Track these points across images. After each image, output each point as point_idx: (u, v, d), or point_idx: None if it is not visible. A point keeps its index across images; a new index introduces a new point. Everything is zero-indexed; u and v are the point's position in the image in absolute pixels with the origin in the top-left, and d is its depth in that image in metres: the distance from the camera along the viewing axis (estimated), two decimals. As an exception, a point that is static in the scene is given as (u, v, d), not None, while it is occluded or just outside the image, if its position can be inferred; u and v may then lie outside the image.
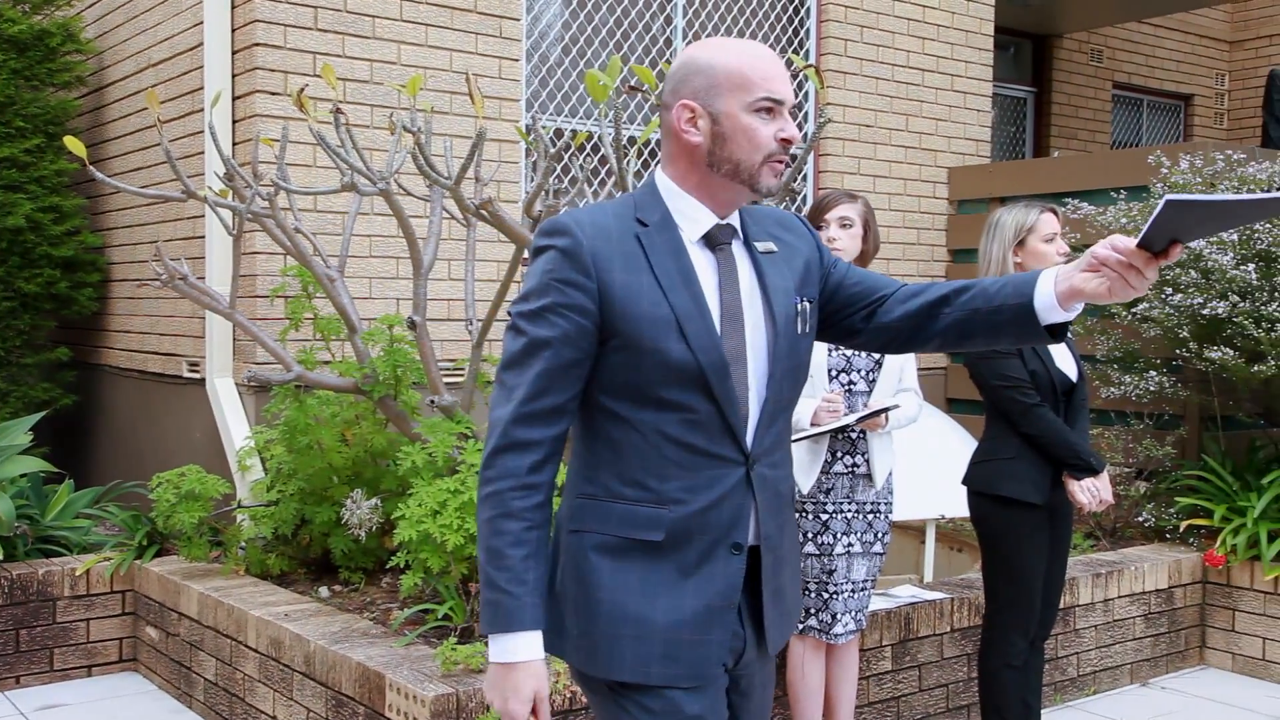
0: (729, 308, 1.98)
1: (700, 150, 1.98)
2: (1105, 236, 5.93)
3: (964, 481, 3.82)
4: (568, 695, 3.59)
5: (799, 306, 2.06)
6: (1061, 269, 1.96)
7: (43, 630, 4.88)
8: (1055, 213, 3.78)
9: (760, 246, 2.06)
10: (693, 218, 2.01)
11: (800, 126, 7.08)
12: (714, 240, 2.01)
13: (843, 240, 3.65)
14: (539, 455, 1.94)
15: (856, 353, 3.66)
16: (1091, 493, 3.66)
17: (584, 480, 2.03)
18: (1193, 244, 5.19)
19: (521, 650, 1.93)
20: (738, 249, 2.04)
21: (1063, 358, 3.76)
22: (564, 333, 1.92)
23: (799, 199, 7.09)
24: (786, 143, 1.97)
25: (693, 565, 1.97)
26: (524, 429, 1.93)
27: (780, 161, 1.98)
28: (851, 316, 2.15)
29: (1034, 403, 3.64)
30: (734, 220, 2.05)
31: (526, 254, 4.20)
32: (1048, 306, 1.96)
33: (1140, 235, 1.84)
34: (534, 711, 1.96)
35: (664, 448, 1.95)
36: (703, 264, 2.00)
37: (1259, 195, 1.80)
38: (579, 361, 1.94)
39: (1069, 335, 3.84)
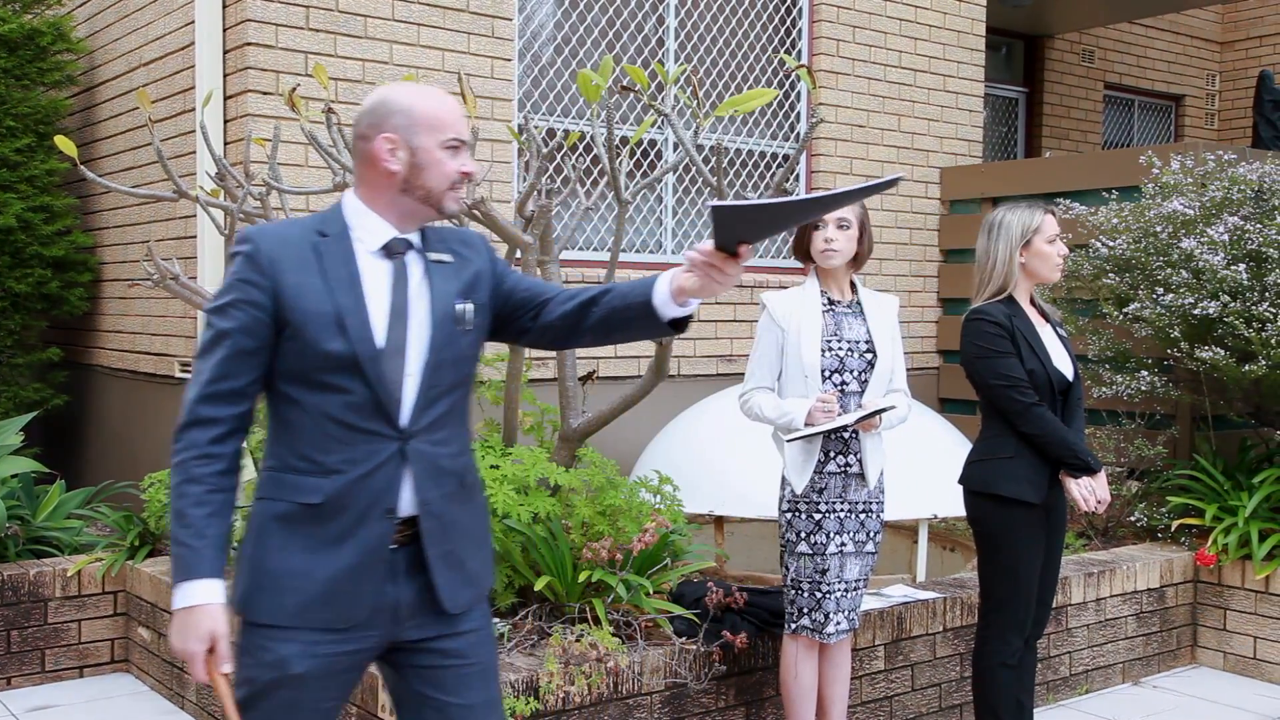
0: (396, 306, 2.29)
1: (397, 177, 2.29)
2: (1096, 237, 5.95)
3: (960, 481, 3.82)
4: (560, 695, 3.58)
5: (460, 308, 2.35)
6: (674, 272, 2.28)
7: (34, 631, 4.86)
8: (1054, 214, 3.80)
9: (434, 257, 2.37)
10: (373, 231, 2.32)
11: (793, 127, 7.09)
12: (391, 250, 2.32)
13: (839, 241, 3.65)
14: (221, 430, 2.24)
15: (849, 353, 3.66)
16: (1088, 492, 3.67)
17: (269, 455, 2.33)
18: (1186, 245, 5.21)
19: (199, 595, 2.19)
20: (413, 258, 2.35)
21: (1059, 356, 3.76)
22: (243, 324, 2.23)
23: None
24: (466, 175, 2.32)
25: (350, 527, 2.25)
26: (207, 407, 2.23)
27: (458, 189, 2.33)
28: (522, 318, 2.47)
29: (1032, 402, 3.64)
30: (414, 236, 2.36)
31: (519, 254, 4.20)
32: (664, 303, 2.29)
33: (713, 239, 2.13)
34: (211, 650, 2.20)
35: (326, 425, 2.25)
36: (377, 270, 2.30)
37: (794, 197, 2.06)
38: (256, 350, 2.25)
39: (1064, 334, 3.86)
